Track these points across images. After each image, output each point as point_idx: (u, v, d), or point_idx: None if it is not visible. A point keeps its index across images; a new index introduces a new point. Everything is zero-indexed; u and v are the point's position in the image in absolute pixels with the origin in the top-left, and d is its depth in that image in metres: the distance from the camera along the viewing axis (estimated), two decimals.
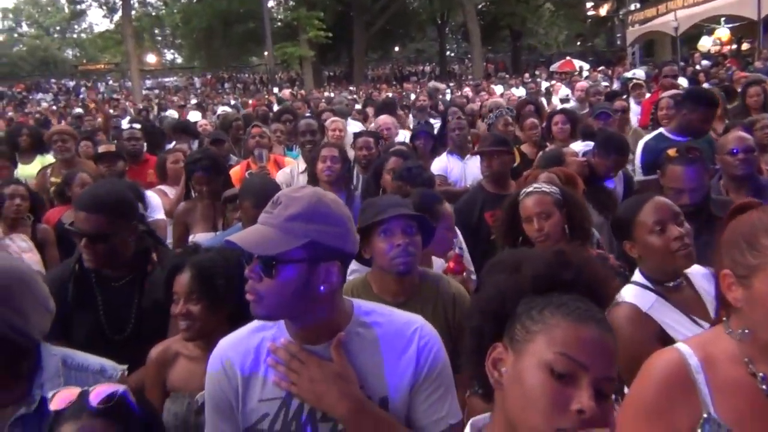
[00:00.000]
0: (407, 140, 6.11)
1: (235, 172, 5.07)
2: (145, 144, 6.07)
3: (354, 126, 7.85)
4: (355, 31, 35.73)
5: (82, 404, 1.45)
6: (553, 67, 29.25)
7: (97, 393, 1.47)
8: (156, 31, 46.63)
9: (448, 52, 47.72)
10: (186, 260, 2.24)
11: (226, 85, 37.77)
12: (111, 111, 17.14)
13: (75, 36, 61.84)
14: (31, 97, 33.99)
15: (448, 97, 14.59)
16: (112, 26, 40.90)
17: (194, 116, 10.30)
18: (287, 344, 1.56)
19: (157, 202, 4.56)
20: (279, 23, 35.77)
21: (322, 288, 1.50)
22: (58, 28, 61.07)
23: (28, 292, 1.72)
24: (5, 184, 4.45)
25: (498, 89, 16.46)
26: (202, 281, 2.18)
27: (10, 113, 19.29)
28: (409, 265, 2.37)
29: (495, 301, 1.24)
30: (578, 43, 45.74)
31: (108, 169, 4.99)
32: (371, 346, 1.59)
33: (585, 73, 21.97)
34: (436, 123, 7.20)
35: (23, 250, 3.98)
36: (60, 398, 1.46)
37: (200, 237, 4.03)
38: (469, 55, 40.25)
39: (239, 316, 2.28)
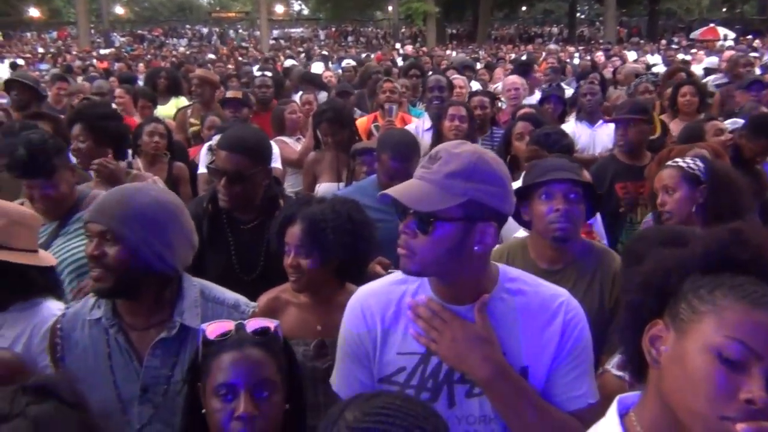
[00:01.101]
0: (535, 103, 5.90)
1: (361, 122, 5.09)
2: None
3: (475, 85, 7.69)
4: None
5: (241, 335, 1.52)
6: (694, 34, 27.22)
7: (254, 324, 1.54)
8: None
9: (578, 14, 45.50)
10: (297, 212, 2.25)
11: (349, 39, 38.05)
12: (240, 58, 17.81)
13: None
14: (167, 41, 35.79)
15: (575, 61, 13.95)
16: None
17: (317, 68, 10.46)
18: (430, 301, 1.54)
19: (276, 152, 4.67)
20: None
21: (477, 248, 1.46)
22: None
23: (178, 225, 1.80)
24: (146, 122, 4.70)
25: (631, 55, 15.55)
26: (312, 235, 2.18)
27: (149, 56, 20.40)
28: (566, 232, 2.27)
29: (658, 275, 1.15)
30: (724, 9, 42.15)
31: (233, 114, 5.16)
32: (515, 313, 1.54)
33: (729, 43, 20.26)
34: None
35: None
36: (216, 328, 1.53)
37: (325, 187, 4.13)
38: (601, 18, 38.15)
39: (348, 270, 2.34)
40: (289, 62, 11.45)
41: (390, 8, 33.25)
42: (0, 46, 29.26)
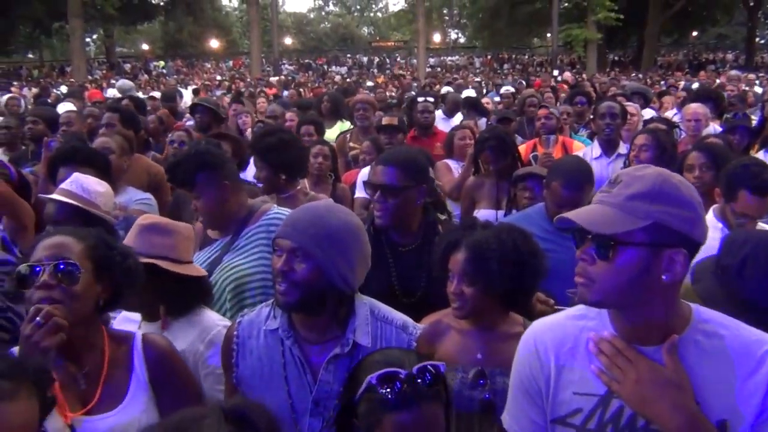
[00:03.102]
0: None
1: (521, 150, 4.97)
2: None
3: (647, 113, 7.25)
4: (650, 12, 33.06)
5: (414, 389, 1.45)
6: None
7: (424, 372, 1.47)
8: (444, 11, 48.44)
9: (758, 39, 41.96)
10: (462, 238, 2.20)
11: (505, 66, 37.86)
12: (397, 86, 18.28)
13: (371, 15, 67.08)
14: (329, 69, 37.68)
15: (757, 89, 12.81)
16: (406, 6, 43.43)
17: (468, 94, 10.43)
18: (613, 339, 1.43)
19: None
20: (567, 4, 34.59)
21: (665, 277, 1.34)
22: (358, 7, 66.84)
23: (360, 246, 1.84)
24: (313, 144, 4.91)
25: None
26: (477, 264, 2.12)
27: (317, 83, 21.54)
28: None
29: None
30: None
31: (388, 140, 5.24)
32: (713, 359, 1.38)
33: None
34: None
35: None
36: (385, 376, 1.47)
37: (483, 214, 4.06)
38: None
39: (513, 300, 2.24)
40: (445, 89, 11.55)
41: (549, 35, 32.70)
42: (185, 74, 32.41)
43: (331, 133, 6.81)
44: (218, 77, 28.28)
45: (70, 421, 1.73)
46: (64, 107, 6.95)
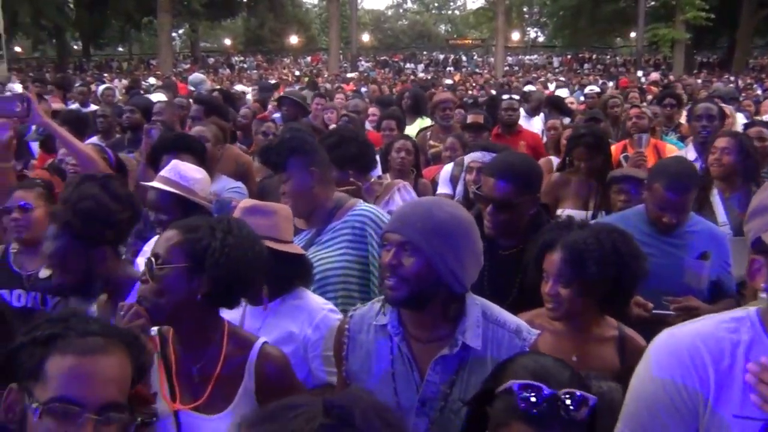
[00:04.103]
0: None
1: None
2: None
3: (740, 118, 6.91)
4: (743, 12, 31.46)
5: (560, 408, 1.35)
6: None
7: (569, 397, 1.36)
8: (524, 9, 47.68)
9: None
10: (558, 238, 2.14)
11: (586, 66, 36.91)
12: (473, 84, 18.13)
13: (449, 12, 66.72)
14: (406, 66, 37.74)
15: None
16: (485, 4, 43.01)
17: (561, 94, 10.23)
18: None
19: None
20: (654, 2, 33.36)
21: None
22: (436, 4, 66.61)
23: (471, 243, 1.79)
24: (396, 138, 4.91)
25: None
26: (574, 264, 2.06)
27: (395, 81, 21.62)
28: None
29: None
30: None
31: (473, 139, 5.18)
32: None
33: None
34: None
35: None
36: (528, 391, 1.38)
37: (568, 213, 3.93)
38: None
39: (610, 302, 2.17)
40: (528, 87, 11.36)
41: (633, 34, 31.66)
42: (264, 69, 33.19)
43: (411, 130, 6.77)
44: (297, 72, 28.82)
45: (177, 408, 1.79)
46: (157, 98, 7.23)
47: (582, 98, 9.60)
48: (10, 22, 28.04)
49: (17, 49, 39.54)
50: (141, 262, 2.82)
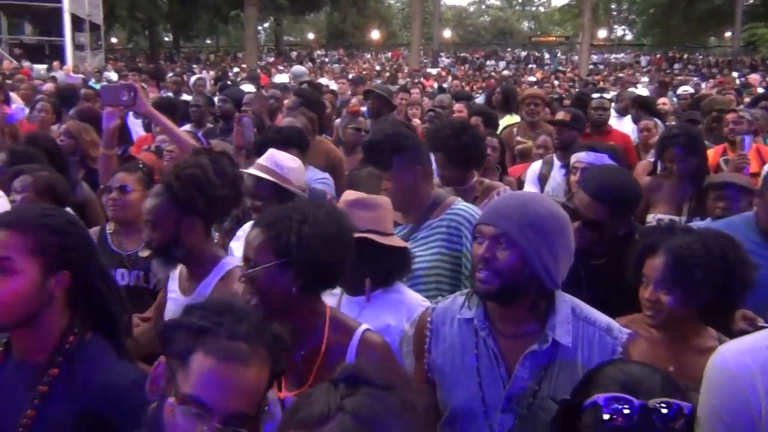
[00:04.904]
0: None
1: (708, 155, 4.61)
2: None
3: None
4: None
5: (645, 422, 1.30)
6: None
7: (662, 406, 1.31)
8: (612, 6, 46.25)
9: None
10: (660, 242, 2.05)
11: (675, 66, 35.43)
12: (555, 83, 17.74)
13: (533, 9, 65.54)
14: (487, 63, 37.29)
15: None
16: (570, 0, 41.99)
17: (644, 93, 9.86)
18: None
19: None
20: (753, 0, 31.70)
21: None
22: (519, 1, 65.54)
23: (565, 238, 1.76)
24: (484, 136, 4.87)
25: None
26: (678, 270, 1.97)
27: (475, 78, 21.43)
28: None
29: None
30: None
31: (556, 135, 5.05)
32: None
33: None
34: None
35: None
36: (614, 406, 1.33)
37: (660, 218, 3.80)
38: None
39: (714, 312, 2.07)
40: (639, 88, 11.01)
41: (728, 34, 30.12)
42: (345, 63, 33.57)
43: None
44: (377, 67, 28.99)
45: (282, 396, 1.83)
46: (246, 88, 7.44)
47: (675, 99, 9.21)
48: (108, 14, 29.53)
49: (113, 39, 41.58)
50: (235, 246, 2.92)
